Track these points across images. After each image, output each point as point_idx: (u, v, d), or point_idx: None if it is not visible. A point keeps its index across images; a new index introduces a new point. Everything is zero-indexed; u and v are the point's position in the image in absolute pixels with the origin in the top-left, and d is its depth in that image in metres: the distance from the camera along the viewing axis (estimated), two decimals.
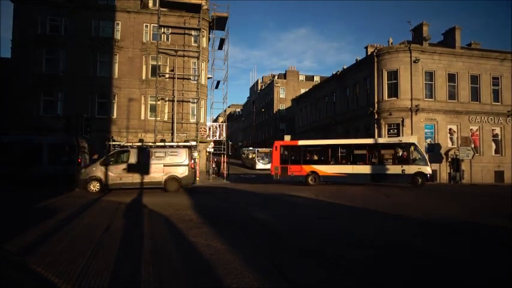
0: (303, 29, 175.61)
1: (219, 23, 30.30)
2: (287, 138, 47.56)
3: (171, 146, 17.46)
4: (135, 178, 15.73)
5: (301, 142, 23.62)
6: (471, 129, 27.73)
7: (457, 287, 4.67)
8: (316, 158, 22.53)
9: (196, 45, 28.51)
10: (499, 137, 28.26)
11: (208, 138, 29.10)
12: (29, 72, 26.16)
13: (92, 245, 6.21)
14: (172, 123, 27.62)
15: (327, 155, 21.59)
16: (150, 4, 29.08)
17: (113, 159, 16.11)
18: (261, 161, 39.66)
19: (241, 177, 29.79)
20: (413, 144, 20.43)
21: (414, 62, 26.54)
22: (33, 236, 6.94)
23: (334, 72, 37.11)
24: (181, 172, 16.16)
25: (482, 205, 13.21)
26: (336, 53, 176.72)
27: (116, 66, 27.86)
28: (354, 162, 20.75)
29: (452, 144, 27.06)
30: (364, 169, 20.30)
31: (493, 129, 28.20)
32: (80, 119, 19.11)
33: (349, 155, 21.32)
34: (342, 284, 4.68)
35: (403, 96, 26.65)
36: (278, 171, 21.79)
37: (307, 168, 21.18)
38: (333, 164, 21.09)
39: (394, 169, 19.83)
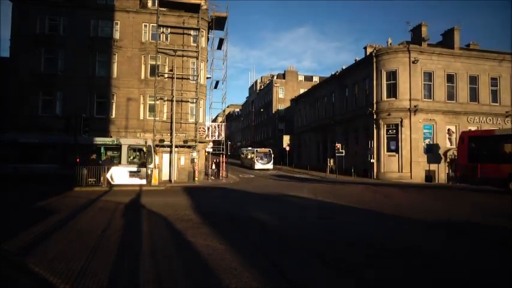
0: (302, 29, 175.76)
1: (218, 23, 30.28)
2: (286, 138, 47.73)
3: None
4: None
5: (498, 132, 18.56)
6: (470, 129, 27.77)
7: (457, 286, 4.68)
8: None
9: (195, 45, 28.48)
10: None
11: (207, 138, 29.10)
12: (28, 72, 26.08)
13: (91, 245, 6.19)
14: (171, 123, 27.56)
15: None
16: (149, 4, 29.04)
17: None
18: (259, 161, 39.65)
19: (240, 177, 29.77)
20: None
21: (413, 62, 26.60)
22: (32, 236, 6.92)
23: (333, 73, 37.16)
24: None
25: (482, 205, 13.22)
26: (335, 53, 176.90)
27: (115, 66, 27.81)
28: None
29: (451, 145, 27.11)
30: None
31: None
32: (79, 118, 19.08)
33: None
34: (341, 283, 4.68)
35: (401, 97, 26.70)
36: (466, 171, 17.20)
37: (506, 169, 15.75)
38: None
39: None
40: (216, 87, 33.00)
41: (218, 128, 31.42)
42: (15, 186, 16.59)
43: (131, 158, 20.09)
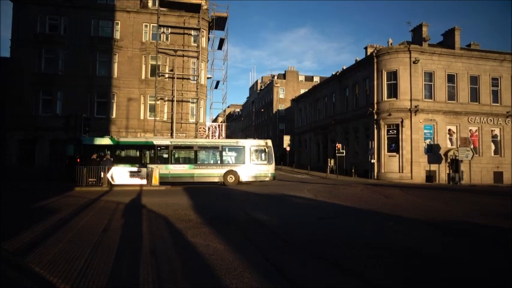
0: (303, 29, 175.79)
1: (218, 23, 30.31)
2: (286, 138, 47.68)
3: None
4: None
5: None
6: (470, 130, 27.77)
7: (457, 286, 4.67)
8: None
9: (195, 45, 28.50)
10: (498, 137, 28.32)
11: (207, 138, 29.09)
12: (29, 72, 26.13)
13: (91, 245, 6.19)
14: (172, 123, 27.60)
15: None
16: (150, 4, 29.07)
17: None
18: None
19: None
20: None
21: (414, 62, 26.58)
22: (32, 235, 6.92)
23: (333, 73, 37.14)
24: None
25: (482, 206, 13.21)
26: (336, 53, 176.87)
27: (115, 65, 27.85)
28: None
29: (451, 145, 27.10)
30: None
31: (492, 130, 28.26)
32: (79, 118, 19.09)
33: None
34: (341, 283, 4.67)
35: (402, 97, 26.68)
36: None
37: None
38: None
39: None
40: (216, 87, 33.07)
41: (218, 128, 31.44)
42: None
43: (253, 158, 21.16)
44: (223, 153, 21.16)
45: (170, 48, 27.85)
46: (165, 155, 20.50)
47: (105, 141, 20.38)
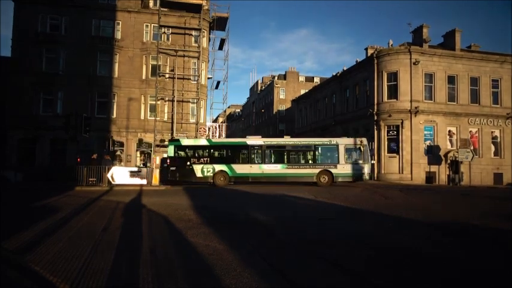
0: (304, 30, 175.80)
1: (219, 23, 30.33)
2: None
3: None
4: None
5: None
6: (470, 131, 27.78)
7: (457, 286, 4.67)
8: None
9: (196, 45, 28.52)
10: (498, 139, 28.33)
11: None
12: (29, 71, 26.15)
13: (91, 244, 6.19)
14: (172, 123, 27.61)
15: None
16: (151, 4, 29.11)
17: None
18: None
19: None
20: None
21: (414, 63, 26.59)
22: (31, 234, 6.92)
23: (334, 74, 37.15)
24: None
25: (482, 207, 13.20)
26: (337, 54, 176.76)
27: (116, 65, 27.88)
28: None
29: (451, 146, 27.11)
30: None
31: (492, 132, 28.28)
32: (79, 118, 19.10)
33: None
34: (341, 283, 4.66)
35: (402, 98, 26.70)
36: None
37: None
38: None
39: None
40: (217, 87, 33.09)
41: (219, 128, 31.50)
42: None
43: (347, 157, 20.62)
44: (316, 152, 20.91)
45: (171, 49, 27.88)
46: (258, 155, 20.61)
47: (202, 141, 21.43)
